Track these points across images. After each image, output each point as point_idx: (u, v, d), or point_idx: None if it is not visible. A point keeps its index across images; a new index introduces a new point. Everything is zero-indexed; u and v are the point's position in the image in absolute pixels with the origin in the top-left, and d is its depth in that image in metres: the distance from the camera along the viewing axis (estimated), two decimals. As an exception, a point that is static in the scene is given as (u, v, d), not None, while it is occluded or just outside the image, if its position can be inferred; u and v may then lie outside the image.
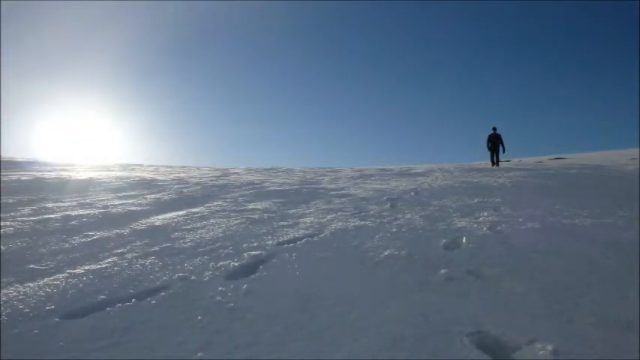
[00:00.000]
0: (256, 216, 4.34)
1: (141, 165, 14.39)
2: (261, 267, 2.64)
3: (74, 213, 4.28)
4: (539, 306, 1.96)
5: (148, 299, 2.11)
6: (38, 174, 8.01)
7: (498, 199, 5.19)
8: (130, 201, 5.21)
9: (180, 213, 4.49)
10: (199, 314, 1.93)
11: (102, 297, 2.14)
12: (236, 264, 2.67)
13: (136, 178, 7.94)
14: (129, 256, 2.85)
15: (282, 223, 4.01)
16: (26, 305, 2.00)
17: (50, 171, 9.06)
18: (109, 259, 2.76)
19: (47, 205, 4.68)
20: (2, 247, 2.97)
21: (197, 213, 4.48)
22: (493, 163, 13.40)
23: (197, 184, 7.40)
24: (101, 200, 5.18)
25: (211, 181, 8.02)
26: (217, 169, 12.76)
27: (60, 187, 6.35)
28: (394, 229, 3.59)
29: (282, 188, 6.86)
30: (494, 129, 13.54)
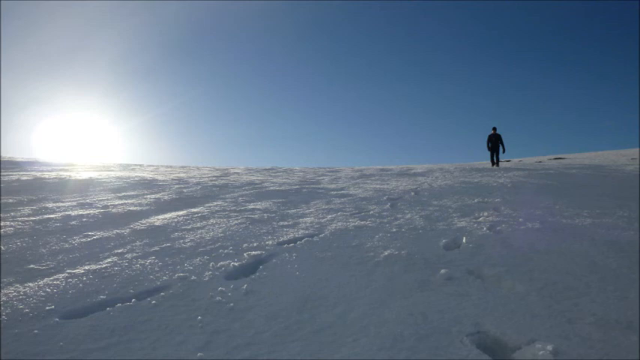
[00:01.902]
0: (256, 216, 4.34)
1: (141, 165, 14.38)
2: (261, 267, 2.64)
3: (74, 213, 4.28)
4: (539, 306, 1.96)
5: (148, 299, 2.11)
6: (38, 174, 8.00)
7: (498, 199, 5.19)
8: (130, 201, 5.21)
9: (181, 213, 4.49)
10: (199, 314, 1.93)
11: (102, 297, 2.14)
12: (236, 264, 2.67)
13: (136, 178, 7.94)
14: (129, 256, 2.85)
15: (282, 223, 4.01)
16: (26, 305, 2.00)
17: (50, 171, 9.05)
18: (109, 259, 2.76)
19: (47, 205, 4.68)
20: (2, 247, 2.97)
21: (197, 213, 4.48)
22: (493, 163, 13.42)
23: (197, 184, 7.40)
24: (101, 200, 5.18)
25: (211, 181, 8.02)
26: (217, 169, 12.76)
27: (60, 187, 6.35)
28: (394, 229, 3.59)
29: (282, 188, 6.86)
30: (494, 129, 13.55)
